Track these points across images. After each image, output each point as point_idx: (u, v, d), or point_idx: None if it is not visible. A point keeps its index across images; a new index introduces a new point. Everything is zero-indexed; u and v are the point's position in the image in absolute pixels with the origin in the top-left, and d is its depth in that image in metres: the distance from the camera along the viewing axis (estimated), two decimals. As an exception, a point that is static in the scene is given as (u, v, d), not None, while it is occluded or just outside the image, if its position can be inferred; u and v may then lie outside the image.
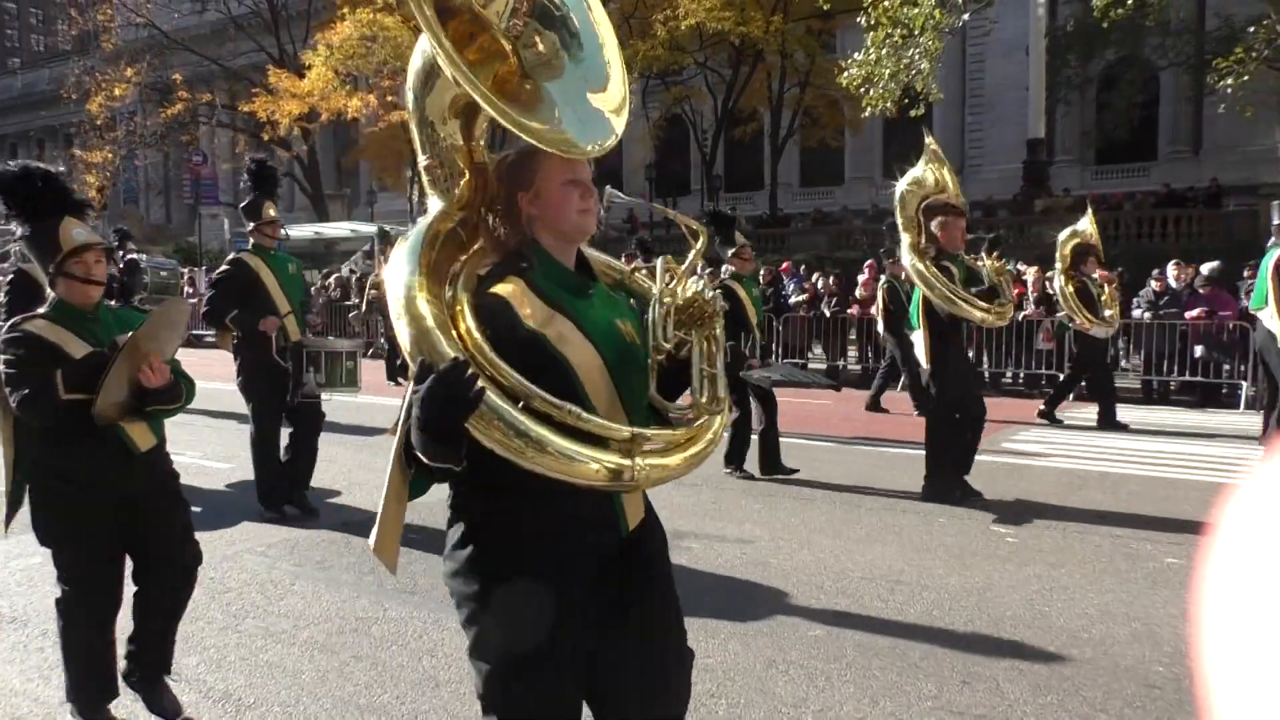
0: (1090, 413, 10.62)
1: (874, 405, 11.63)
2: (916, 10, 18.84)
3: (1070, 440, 9.65)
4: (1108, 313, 10.04)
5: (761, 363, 8.04)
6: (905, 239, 6.84)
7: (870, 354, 14.91)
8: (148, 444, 3.43)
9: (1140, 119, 36.40)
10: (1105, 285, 10.16)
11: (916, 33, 19.02)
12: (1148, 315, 12.82)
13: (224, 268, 6.58)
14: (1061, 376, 12.14)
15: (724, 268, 7.87)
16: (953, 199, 6.89)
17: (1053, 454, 8.90)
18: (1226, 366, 12.56)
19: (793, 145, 36.09)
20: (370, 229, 29.99)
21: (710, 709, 3.66)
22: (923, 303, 6.80)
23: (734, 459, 7.68)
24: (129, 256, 9.96)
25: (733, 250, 7.63)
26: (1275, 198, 25.42)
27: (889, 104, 19.89)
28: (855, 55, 20.05)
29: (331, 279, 21.10)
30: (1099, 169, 36.63)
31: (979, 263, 6.83)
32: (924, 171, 7.00)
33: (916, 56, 19.18)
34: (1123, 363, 14.07)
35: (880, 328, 11.96)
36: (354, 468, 7.96)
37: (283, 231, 6.78)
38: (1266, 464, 0.69)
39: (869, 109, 20.45)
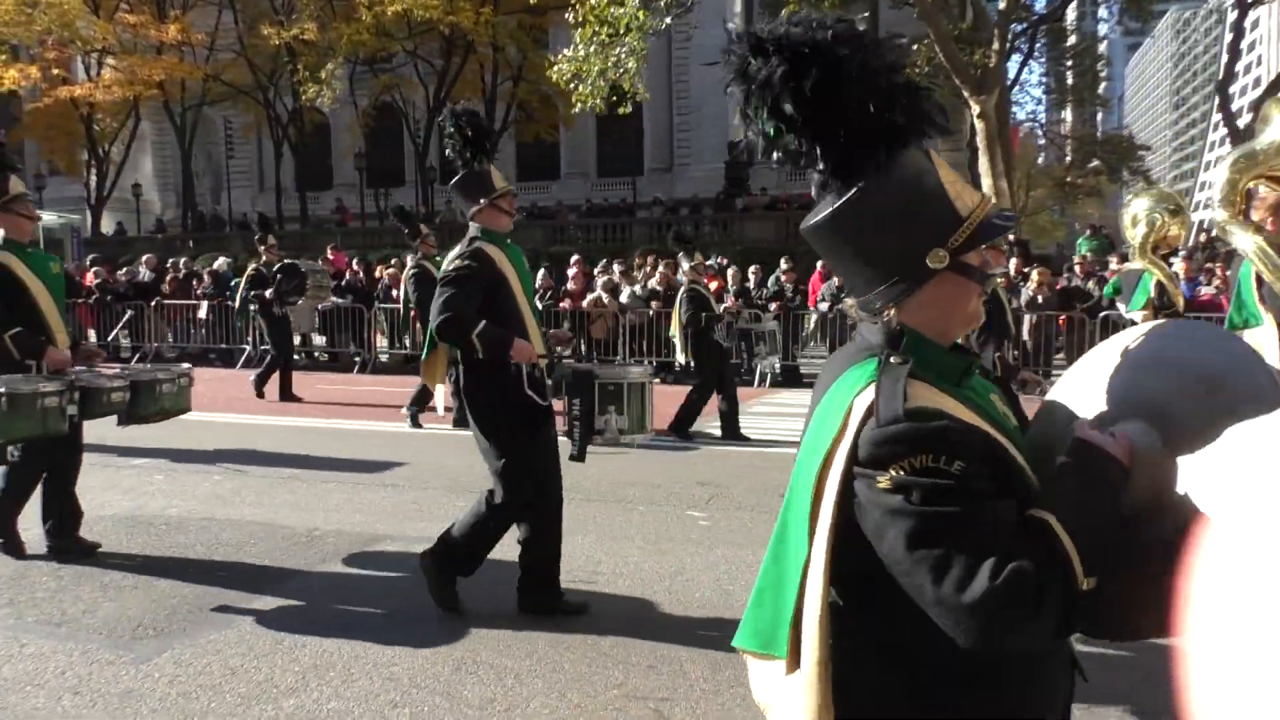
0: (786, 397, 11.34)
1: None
2: (622, 11, 19.39)
3: (761, 424, 10.24)
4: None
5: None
6: (1227, 218, 6.00)
7: (584, 346, 15.13)
8: None
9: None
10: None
11: (622, 32, 19.57)
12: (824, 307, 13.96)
13: (459, 261, 4.42)
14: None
15: None
16: None
17: (750, 438, 9.39)
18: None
19: (509, 139, 36.08)
20: (49, 217, 26.56)
21: (392, 721, 3.49)
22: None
23: None
24: None
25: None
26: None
27: (598, 100, 20.37)
28: (565, 51, 20.34)
29: None
30: (792, 170, 39.39)
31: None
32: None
33: (624, 55, 19.75)
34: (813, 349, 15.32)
35: None
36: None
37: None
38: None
39: (579, 104, 20.83)
